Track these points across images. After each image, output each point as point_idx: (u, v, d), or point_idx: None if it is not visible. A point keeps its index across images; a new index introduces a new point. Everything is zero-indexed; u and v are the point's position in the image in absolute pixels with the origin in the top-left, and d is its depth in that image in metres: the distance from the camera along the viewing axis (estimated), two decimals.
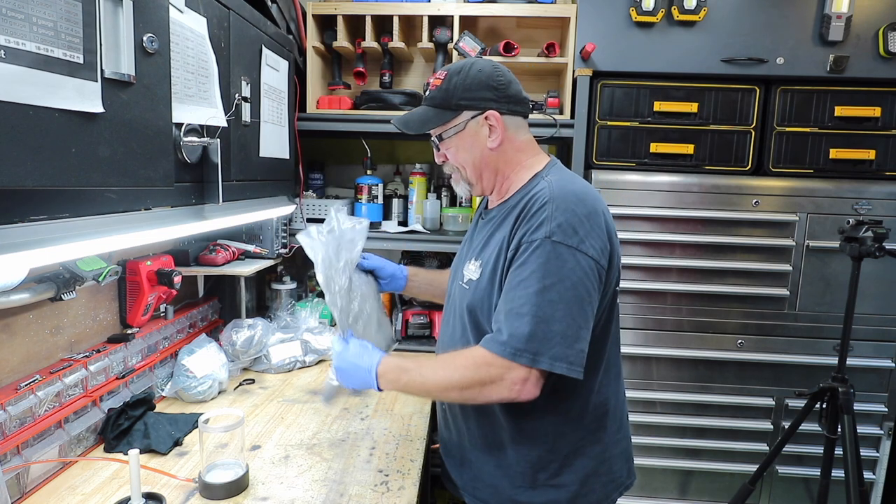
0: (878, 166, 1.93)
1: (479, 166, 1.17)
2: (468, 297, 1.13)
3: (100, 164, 0.87)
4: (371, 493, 1.23)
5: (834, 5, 1.81)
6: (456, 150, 1.17)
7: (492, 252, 1.11)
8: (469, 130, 1.14)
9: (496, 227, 1.14)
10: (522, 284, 1.01)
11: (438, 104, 1.14)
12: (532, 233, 1.02)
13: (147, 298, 1.53)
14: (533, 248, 1.01)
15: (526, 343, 0.99)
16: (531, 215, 1.04)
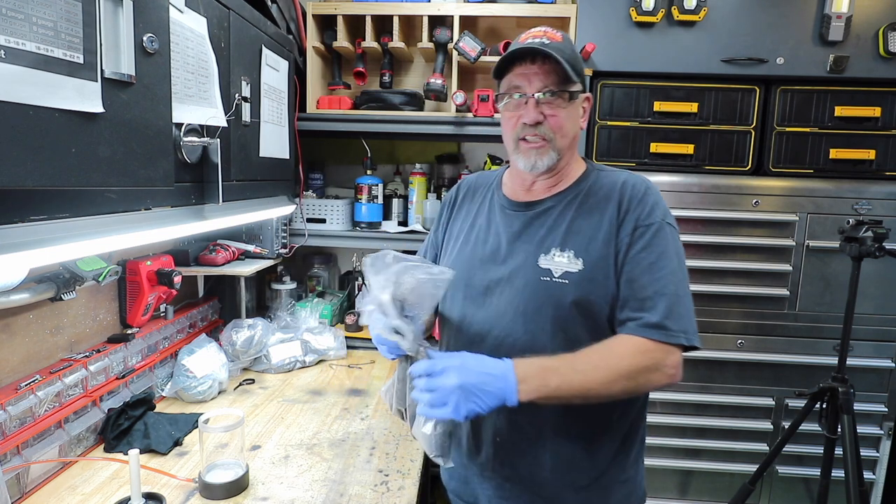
0: (878, 166, 1.93)
1: (572, 142, 1.11)
2: (573, 291, 1.03)
3: (100, 164, 0.87)
4: (371, 493, 1.23)
5: (834, 5, 1.81)
6: (566, 116, 1.07)
7: (589, 240, 1.05)
8: (577, 102, 1.10)
9: (576, 216, 1.08)
10: (657, 266, 1.01)
11: (569, 61, 1.03)
12: (647, 217, 1.04)
13: (147, 298, 1.53)
14: (654, 231, 1.03)
15: (677, 322, 0.99)
16: (638, 201, 1.06)
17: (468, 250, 1.18)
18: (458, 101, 2.04)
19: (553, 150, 1.08)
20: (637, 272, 1.02)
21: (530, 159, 1.08)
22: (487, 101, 2.05)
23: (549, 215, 1.11)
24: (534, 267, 1.07)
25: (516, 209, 1.16)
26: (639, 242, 1.03)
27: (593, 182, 1.12)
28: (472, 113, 2.08)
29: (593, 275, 1.04)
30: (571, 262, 1.05)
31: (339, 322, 2.34)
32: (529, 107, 1.06)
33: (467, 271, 1.15)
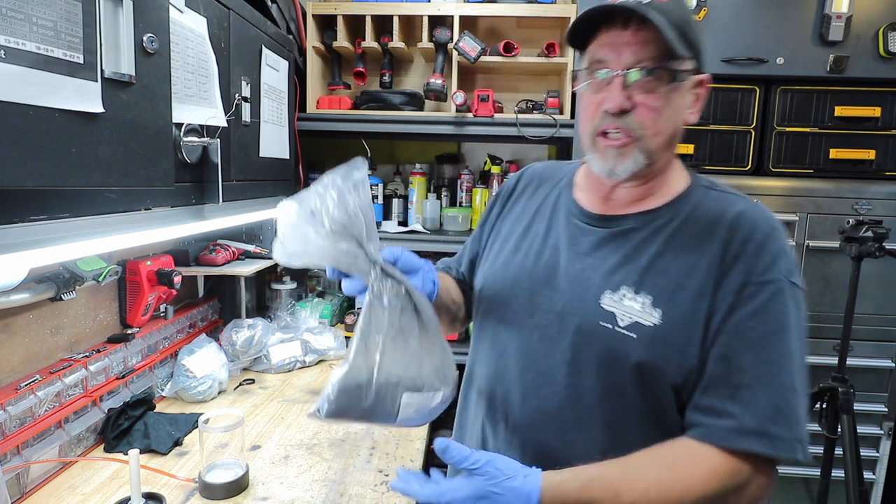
0: (878, 166, 1.93)
1: (670, 140, 0.82)
2: (639, 351, 0.77)
3: (100, 164, 0.87)
4: (371, 493, 1.23)
5: (834, 5, 1.81)
6: (665, 104, 0.78)
7: (676, 287, 0.78)
8: (685, 87, 0.80)
9: (664, 248, 0.81)
10: (768, 343, 0.74)
11: (679, 28, 0.75)
12: (764, 271, 0.76)
13: (147, 298, 1.53)
14: (772, 293, 0.75)
15: (787, 428, 0.72)
16: (756, 247, 0.77)
17: (516, 261, 0.93)
18: (458, 101, 2.04)
19: (640, 151, 0.80)
20: (737, 347, 0.74)
21: (607, 162, 0.81)
22: (487, 101, 2.05)
23: (629, 240, 0.84)
24: (594, 305, 0.81)
25: (587, 222, 0.89)
26: (747, 306, 0.75)
27: (696, 205, 0.83)
28: (472, 113, 2.08)
29: (672, 335, 0.77)
30: (646, 310, 0.78)
31: (339, 322, 2.34)
32: (613, 88, 0.77)
33: (510, 288, 0.91)
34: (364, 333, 0.72)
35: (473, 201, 2.33)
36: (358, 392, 0.72)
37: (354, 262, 0.73)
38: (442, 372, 0.76)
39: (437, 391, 0.76)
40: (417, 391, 0.74)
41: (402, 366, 0.73)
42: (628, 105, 0.78)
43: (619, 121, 0.78)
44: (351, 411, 0.73)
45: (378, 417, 0.74)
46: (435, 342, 0.77)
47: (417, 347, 0.75)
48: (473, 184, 2.36)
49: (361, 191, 0.73)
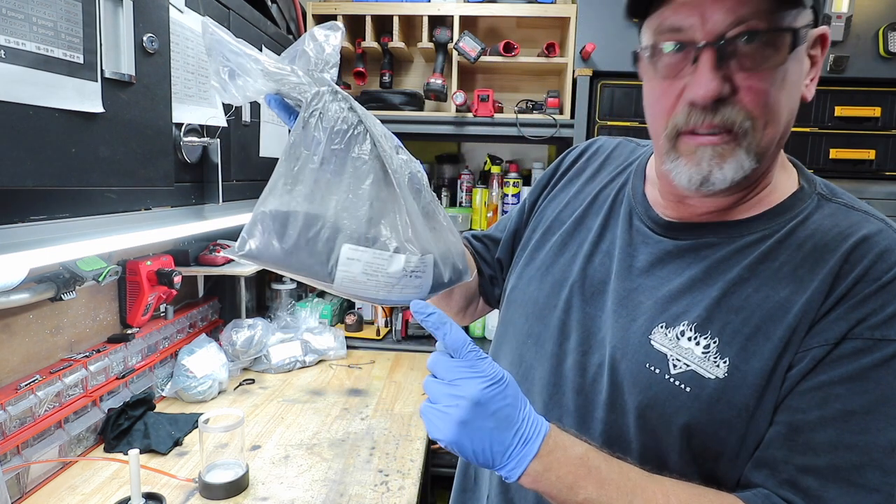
0: (878, 166, 1.93)
1: (786, 127, 0.62)
2: (691, 410, 0.59)
3: (100, 164, 0.88)
4: (371, 493, 1.23)
5: (834, 5, 1.81)
6: (782, 83, 0.56)
7: (756, 333, 0.58)
8: (802, 51, 0.57)
9: (746, 276, 0.60)
10: (864, 424, 0.53)
11: None
12: (884, 324, 0.54)
13: (147, 298, 1.53)
14: (888, 357, 0.54)
15: None
16: (881, 285, 0.55)
17: (561, 264, 0.75)
18: (458, 101, 2.04)
19: (746, 152, 0.58)
20: (814, 417, 0.55)
21: (699, 167, 0.58)
22: (487, 101, 2.05)
23: (701, 259, 0.63)
24: (641, 342, 0.63)
25: (652, 226, 0.69)
26: (843, 366, 0.55)
27: (804, 220, 0.62)
28: (472, 113, 2.07)
29: (737, 394, 0.57)
30: (709, 359, 0.59)
31: (339, 322, 2.34)
32: (703, 68, 0.55)
33: (547, 297, 0.73)
34: (290, 154, 0.58)
35: (473, 201, 2.33)
36: (276, 225, 0.57)
37: (297, 79, 0.58)
38: (408, 234, 0.60)
39: (396, 252, 0.59)
40: (366, 246, 0.58)
41: (344, 206, 0.58)
42: (727, 91, 0.55)
43: (715, 116, 0.56)
44: (270, 251, 0.58)
45: (306, 265, 0.58)
46: (404, 198, 0.61)
47: (371, 192, 0.59)
48: (473, 184, 2.36)
49: (320, 36, 0.61)
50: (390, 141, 0.65)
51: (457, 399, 0.55)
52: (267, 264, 0.60)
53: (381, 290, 0.59)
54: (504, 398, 0.56)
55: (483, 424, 0.54)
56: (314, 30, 0.62)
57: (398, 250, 0.59)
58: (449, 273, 0.63)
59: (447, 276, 0.63)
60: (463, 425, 0.54)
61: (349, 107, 0.61)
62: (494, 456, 0.55)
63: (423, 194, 0.64)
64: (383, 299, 0.61)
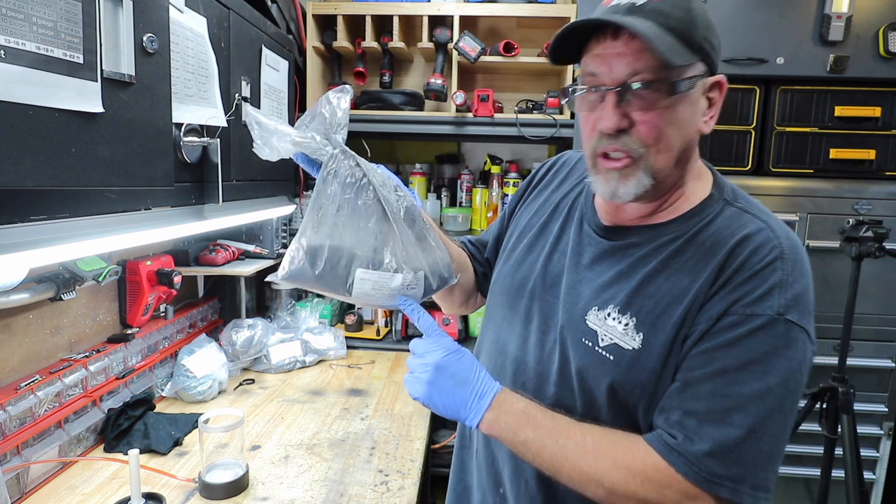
0: (878, 166, 1.93)
1: (679, 156, 0.75)
2: (614, 373, 0.76)
3: (100, 164, 0.88)
4: (371, 493, 1.23)
5: (834, 5, 1.81)
6: (671, 119, 0.71)
7: (663, 312, 0.74)
8: (694, 95, 0.72)
9: (659, 268, 0.76)
10: (732, 378, 0.69)
11: (677, 30, 0.68)
12: (754, 302, 0.69)
13: (147, 298, 1.53)
14: (756, 326, 0.69)
15: (729, 467, 0.68)
16: (752, 273, 0.70)
17: (528, 261, 0.92)
18: (458, 101, 2.04)
19: (644, 172, 0.73)
20: (698, 375, 0.71)
21: (609, 184, 0.75)
22: (487, 101, 2.05)
23: (628, 256, 0.80)
24: (579, 320, 0.80)
25: (597, 229, 0.85)
26: (721, 336, 0.70)
27: (707, 223, 0.77)
28: (472, 113, 2.08)
29: (648, 361, 0.74)
30: (628, 333, 0.75)
31: (339, 322, 2.34)
32: (608, 106, 0.71)
33: (517, 289, 0.91)
34: (316, 205, 0.78)
35: (473, 201, 2.33)
36: (308, 259, 0.77)
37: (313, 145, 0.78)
38: (406, 257, 0.80)
39: (396, 273, 0.79)
40: (374, 269, 0.79)
41: (356, 241, 0.78)
42: (625, 124, 0.72)
43: (618, 141, 0.72)
44: (303, 276, 0.78)
45: (332, 287, 0.79)
46: (400, 229, 0.80)
47: (377, 229, 0.79)
48: (473, 184, 2.36)
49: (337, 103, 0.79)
50: (390, 183, 0.82)
51: (425, 366, 0.79)
52: (302, 285, 0.80)
53: (386, 299, 0.81)
54: (460, 363, 0.78)
55: (445, 383, 0.77)
56: (328, 94, 0.80)
57: (397, 271, 0.79)
58: (437, 282, 0.84)
59: (435, 285, 0.84)
60: (430, 385, 0.77)
61: (356, 164, 0.79)
62: (458, 408, 0.77)
63: (416, 222, 0.83)
64: (390, 305, 0.83)
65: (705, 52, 0.72)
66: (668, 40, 0.67)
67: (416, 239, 0.82)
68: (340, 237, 0.77)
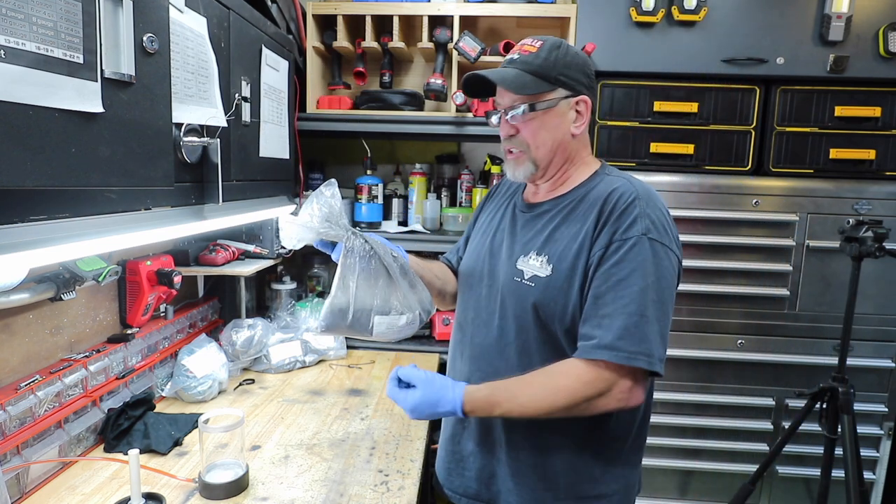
0: (878, 166, 1.93)
1: (555, 150, 1.10)
2: (535, 295, 1.06)
3: (100, 164, 0.87)
4: (371, 493, 1.23)
5: (834, 5, 1.81)
6: (539, 126, 1.08)
7: (564, 248, 1.05)
8: (559, 110, 1.08)
9: (561, 222, 1.09)
10: (623, 283, 0.97)
11: (536, 72, 1.05)
12: (625, 230, 0.99)
13: (147, 298, 1.53)
14: (630, 246, 0.98)
15: (634, 343, 0.94)
16: (620, 212, 1.01)
17: (481, 242, 1.24)
18: (458, 101, 2.04)
19: (530, 161, 1.11)
20: (602, 289, 0.99)
21: (510, 169, 1.15)
22: (487, 101, 2.05)
23: (541, 220, 1.13)
24: (512, 267, 1.11)
25: (522, 209, 1.19)
26: (611, 258, 0.99)
27: (591, 189, 1.10)
28: (472, 113, 2.08)
29: (558, 282, 1.04)
30: (542, 266, 1.06)
31: None
32: (502, 122, 1.12)
33: (474, 261, 1.23)
34: (341, 275, 1.09)
35: (473, 201, 2.33)
36: (340, 314, 1.10)
37: (333, 232, 1.08)
38: (407, 302, 1.14)
39: (401, 314, 1.13)
40: (386, 314, 1.12)
41: (372, 296, 1.10)
42: (513, 132, 1.10)
43: (510, 143, 1.12)
44: (337, 327, 1.11)
45: (358, 332, 1.12)
46: (399, 282, 1.13)
47: (385, 285, 1.11)
48: (473, 184, 2.36)
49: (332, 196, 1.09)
50: (388, 250, 1.14)
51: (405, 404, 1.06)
52: (338, 333, 1.21)
53: (395, 334, 1.15)
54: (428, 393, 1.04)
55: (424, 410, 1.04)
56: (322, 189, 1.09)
57: (402, 313, 1.13)
58: (425, 315, 1.18)
59: (425, 318, 1.18)
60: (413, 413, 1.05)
61: (364, 241, 1.11)
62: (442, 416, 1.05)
63: (408, 274, 1.15)
64: (397, 338, 1.17)
65: (562, 82, 1.06)
66: (527, 79, 1.05)
67: (409, 287, 1.14)
68: (361, 295, 1.09)
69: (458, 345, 1.24)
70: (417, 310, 1.14)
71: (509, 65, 1.08)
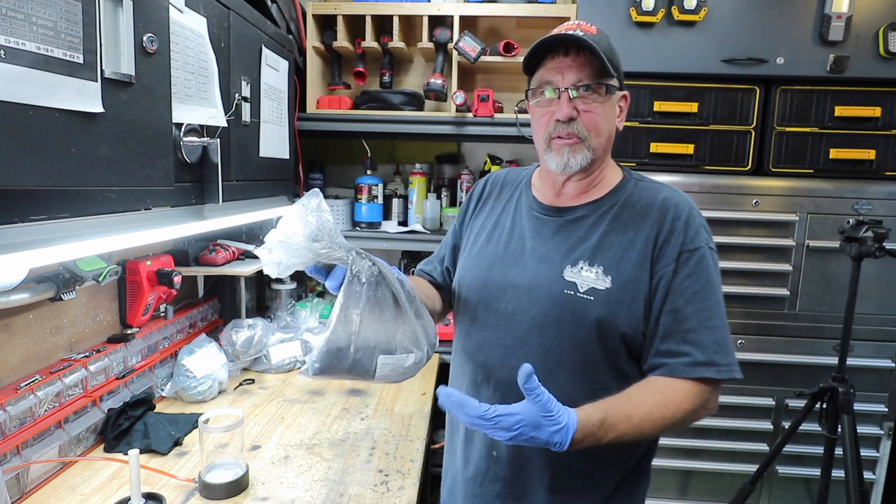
0: (878, 166, 1.93)
1: (607, 142, 1.04)
2: (597, 310, 0.97)
3: (100, 164, 0.87)
4: (371, 493, 1.23)
5: (834, 5, 1.81)
6: (603, 113, 1.00)
7: (621, 259, 0.99)
8: (614, 99, 1.02)
9: (609, 230, 1.01)
10: (700, 296, 0.96)
11: (607, 53, 0.97)
12: (692, 241, 0.98)
13: (147, 298, 1.53)
14: (699, 258, 0.98)
15: (725, 356, 0.95)
16: (684, 224, 0.99)
17: (489, 250, 1.11)
18: (458, 101, 2.04)
19: (587, 149, 1.00)
20: (681, 302, 0.96)
21: (563, 157, 1.00)
22: (487, 101, 2.05)
23: (581, 225, 1.04)
24: (558, 278, 1.00)
25: (546, 213, 1.08)
26: (683, 270, 0.97)
27: (630, 193, 1.05)
28: (472, 113, 2.08)
29: (621, 295, 0.97)
30: (599, 278, 0.98)
31: None
32: (563, 102, 0.98)
33: (486, 271, 1.08)
34: (344, 306, 0.84)
35: None
36: (339, 355, 0.84)
37: (331, 254, 0.83)
38: (414, 338, 0.91)
39: (409, 353, 0.91)
40: (392, 354, 0.88)
41: (377, 332, 0.87)
42: (574, 114, 0.98)
43: (569, 127, 0.99)
44: (334, 370, 0.86)
45: (358, 375, 0.88)
46: (407, 313, 0.90)
47: (391, 317, 0.88)
48: (473, 184, 2.36)
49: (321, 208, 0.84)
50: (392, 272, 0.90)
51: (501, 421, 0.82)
52: (333, 377, 0.89)
53: (401, 375, 0.92)
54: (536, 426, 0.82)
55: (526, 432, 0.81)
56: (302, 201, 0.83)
57: (409, 352, 0.91)
58: (431, 351, 0.96)
59: (431, 354, 0.96)
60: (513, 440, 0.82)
61: (371, 262, 0.86)
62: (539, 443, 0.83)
63: (415, 301, 0.93)
64: (401, 380, 0.95)
65: (619, 72, 1.01)
66: (604, 58, 0.95)
67: (416, 318, 0.92)
68: (365, 331, 0.85)
69: (477, 371, 1.07)
70: (425, 346, 0.94)
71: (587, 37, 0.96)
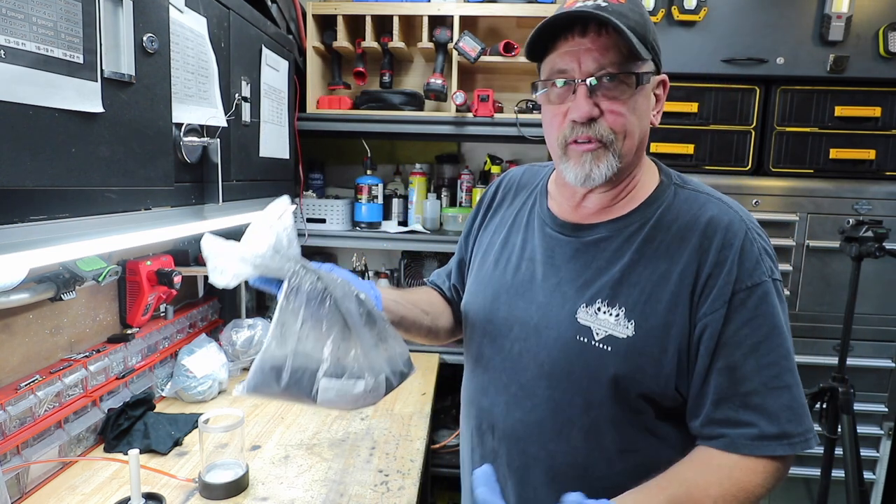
0: (878, 166, 1.93)
1: (639, 143, 0.81)
2: (615, 363, 0.78)
3: (100, 164, 0.87)
4: (371, 493, 1.23)
5: (834, 5, 1.81)
6: (633, 108, 0.77)
7: (649, 298, 0.78)
8: (648, 89, 0.80)
9: (636, 258, 0.80)
10: (763, 347, 0.75)
11: (637, 32, 0.74)
12: (749, 276, 0.76)
13: (147, 298, 1.53)
14: (759, 296, 0.76)
15: (800, 423, 0.75)
16: (737, 253, 0.76)
17: (497, 276, 0.93)
18: (458, 101, 2.04)
19: (613, 156, 0.78)
20: (738, 357, 0.75)
21: (583, 167, 0.79)
22: (487, 101, 2.05)
23: (602, 251, 0.83)
24: (570, 319, 0.82)
25: (560, 231, 0.88)
26: (738, 316, 0.75)
27: (667, 207, 0.82)
28: (472, 113, 2.07)
29: (645, 346, 0.77)
30: (620, 323, 0.78)
31: None
32: (579, 97, 0.76)
33: (491, 302, 0.92)
34: (279, 321, 0.77)
35: (473, 201, 2.33)
36: (273, 374, 0.77)
37: (273, 265, 0.77)
38: (368, 363, 0.79)
39: (359, 379, 0.78)
40: (337, 378, 0.78)
41: (318, 352, 0.77)
42: (596, 113, 0.77)
43: (589, 129, 0.77)
44: (268, 389, 0.78)
45: (296, 398, 0.79)
46: (362, 336, 0.79)
47: (338, 338, 0.78)
48: (473, 184, 2.36)
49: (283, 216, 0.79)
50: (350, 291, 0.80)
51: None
52: (268, 398, 0.79)
53: (350, 404, 0.79)
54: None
55: None
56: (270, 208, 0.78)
57: (359, 377, 0.78)
58: (397, 380, 0.82)
59: (395, 382, 0.81)
60: None
61: (317, 277, 0.78)
62: None
63: (377, 324, 0.81)
64: (353, 408, 0.82)
65: (655, 51, 0.80)
66: (632, 38, 0.73)
67: (375, 342, 0.81)
68: (304, 350, 0.76)
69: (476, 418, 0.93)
70: (384, 373, 0.81)
71: (600, 12, 0.72)
